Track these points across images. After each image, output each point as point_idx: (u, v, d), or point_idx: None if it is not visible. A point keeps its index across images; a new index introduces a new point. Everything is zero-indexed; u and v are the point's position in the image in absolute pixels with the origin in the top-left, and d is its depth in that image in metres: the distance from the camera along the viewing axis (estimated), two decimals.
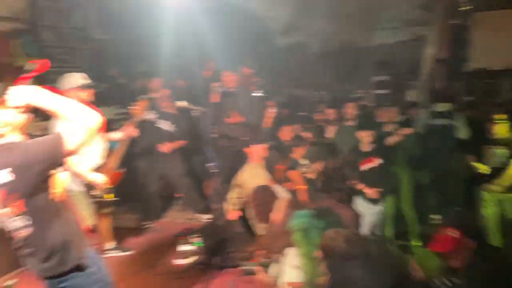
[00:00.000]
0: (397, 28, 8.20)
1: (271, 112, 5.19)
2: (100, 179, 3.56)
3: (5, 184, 1.93)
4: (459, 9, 7.20)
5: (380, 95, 8.64)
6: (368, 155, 4.57)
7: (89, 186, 3.72)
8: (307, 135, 5.03)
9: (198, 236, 4.50)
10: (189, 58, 6.92)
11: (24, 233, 2.04)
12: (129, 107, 4.37)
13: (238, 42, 8.03)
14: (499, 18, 7.43)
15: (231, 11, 7.38)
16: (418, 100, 7.21)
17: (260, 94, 5.64)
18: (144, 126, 4.89)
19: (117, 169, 4.03)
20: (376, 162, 4.54)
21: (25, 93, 1.94)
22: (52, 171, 2.01)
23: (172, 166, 5.14)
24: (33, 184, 1.95)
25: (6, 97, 1.96)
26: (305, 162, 4.31)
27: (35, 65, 2.04)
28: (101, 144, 3.89)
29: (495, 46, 7.21)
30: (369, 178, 4.48)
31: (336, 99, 8.84)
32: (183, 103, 4.28)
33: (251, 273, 2.60)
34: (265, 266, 2.58)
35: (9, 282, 3.81)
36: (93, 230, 4.22)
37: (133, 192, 5.32)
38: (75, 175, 3.55)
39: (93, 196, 3.79)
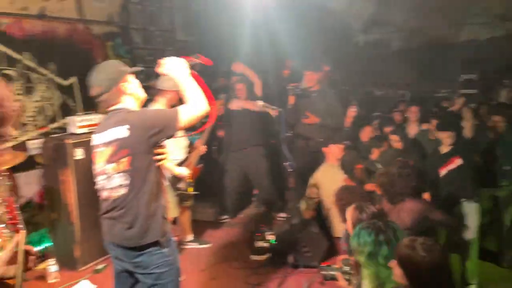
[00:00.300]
0: (488, 23, 7.63)
1: (352, 111, 5.07)
2: (185, 173, 3.79)
3: (120, 139, 2.13)
4: None
5: (467, 95, 8.09)
6: (448, 157, 4.06)
7: (173, 180, 3.93)
8: (394, 137, 4.82)
9: (272, 234, 4.56)
10: (267, 57, 7.01)
11: (120, 192, 2.16)
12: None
13: (316, 40, 7.98)
14: None
15: (310, 8, 7.34)
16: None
17: (336, 93, 5.58)
18: (233, 115, 5.16)
19: (197, 164, 4.20)
20: (457, 162, 3.99)
21: (177, 63, 2.26)
22: (161, 142, 2.19)
23: (254, 162, 5.21)
24: (143, 146, 2.12)
25: (161, 61, 2.29)
26: (378, 165, 4.18)
27: (199, 57, 2.36)
28: (185, 140, 4.08)
29: None
30: (447, 181, 3.98)
31: (418, 98, 8.47)
32: (260, 103, 4.35)
33: (332, 278, 2.53)
34: (346, 273, 2.49)
35: (99, 267, 4.14)
36: (174, 222, 4.45)
37: (211, 186, 5.53)
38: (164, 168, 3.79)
39: (177, 189, 4.00)
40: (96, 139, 2.27)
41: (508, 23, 7.35)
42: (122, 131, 2.13)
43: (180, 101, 3.10)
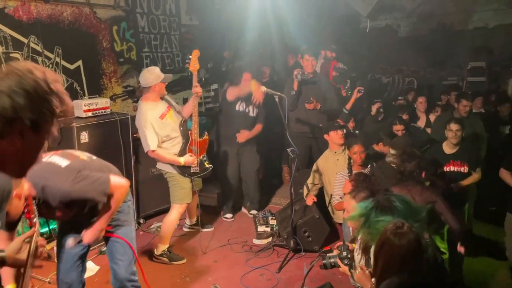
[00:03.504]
0: (497, 10, 7.51)
1: (358, 92, 5.16)
2: (191, 158, 3.95)
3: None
4: None
5: (474, 83, 8.02)
6: (451, 158, 4.15)
7: (183, 169, 3.99)
8: (398, 127, 4.85)
9: (274, 219, 4.61)
10: (273, 43, 6.99)
11: None
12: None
13: (324, 25, 7.92)
14: None
15: None
16: None
17: (338, 74, 5.59)
18: (227, 109, 4.97)
19: (200, 136, 4.16)
20: (461, 168, 4.12)
21: None
22: None
23: (248, 155, 5.07)
24: None
25: None
26: (392, 152, 4.17)
27: None
28: (177, 119, 4.07)
29: None
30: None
31: (426, 85, 8.42)
32: (263, 88, 4.33)
33: (333, 265, 2.57)
34: (344, 258, 2.52)
35: (104, 249, 4.18)
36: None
37: (215, 171, 5.55)
38: (168, 161, 3.89)
39: (192, 175, 4.05)
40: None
41: None
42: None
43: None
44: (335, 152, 4.54)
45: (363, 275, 2.31)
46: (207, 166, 4.17)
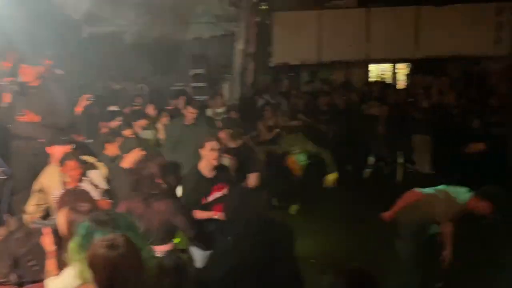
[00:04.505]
0: (210, 23, 8.50)
1: (84, 101, 4.97)
2: None
3: None
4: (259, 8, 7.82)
5: (198, 88, 8.88)
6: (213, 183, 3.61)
7: None
8: (127, 132, 4.84)
9: None
10: None
11: None
12: None
13: (38, 30, 7.20)
14: (295, 18, 8.35)
15: None
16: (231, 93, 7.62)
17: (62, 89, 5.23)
18: None
19: None
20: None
21: None
22: None
23: None
24: None
25: None
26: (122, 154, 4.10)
27: None
28: None
29: (293, 43, 8.09)
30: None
31: (156, 92, 8.79)
32: None
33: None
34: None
35: None
36: None
37: None
38: None
39: None
40: None
41: (225, 23, 8.34)
42: None
43: None
44: (58, 167, 4.19)
45: None
46: None
